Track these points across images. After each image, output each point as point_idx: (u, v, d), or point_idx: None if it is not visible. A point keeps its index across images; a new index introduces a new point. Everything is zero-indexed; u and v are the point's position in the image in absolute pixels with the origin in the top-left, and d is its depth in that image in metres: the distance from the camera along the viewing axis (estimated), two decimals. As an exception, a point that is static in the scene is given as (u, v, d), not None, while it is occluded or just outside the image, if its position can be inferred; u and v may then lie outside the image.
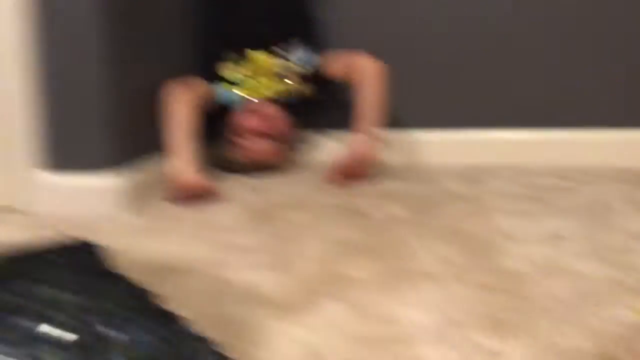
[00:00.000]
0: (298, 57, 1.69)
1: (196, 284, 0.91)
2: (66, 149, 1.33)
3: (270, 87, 1.67)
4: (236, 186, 1.57)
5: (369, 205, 1.32)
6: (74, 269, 0.63)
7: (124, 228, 1.21)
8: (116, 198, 1.31)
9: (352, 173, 1.52)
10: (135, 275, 0.67)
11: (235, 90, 1.66)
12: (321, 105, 1.71)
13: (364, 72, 1.60)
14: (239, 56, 1.67)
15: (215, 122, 1.66)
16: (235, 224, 1.23)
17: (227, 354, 0.57)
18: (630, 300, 0.79)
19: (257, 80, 1.67)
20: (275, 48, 1.67)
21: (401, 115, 1.75)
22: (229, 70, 1.67)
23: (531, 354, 0.67)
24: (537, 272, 0.91)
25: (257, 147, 1.63)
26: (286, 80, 1.68)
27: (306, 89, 1.69)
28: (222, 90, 1.66)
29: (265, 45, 1.67)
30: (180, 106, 1.49)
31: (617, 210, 1.19)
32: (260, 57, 1.67)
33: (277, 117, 1.63)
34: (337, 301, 0.84)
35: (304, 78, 1.69)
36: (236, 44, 1.66)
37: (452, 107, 1.71)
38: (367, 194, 1.43)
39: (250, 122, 1.61)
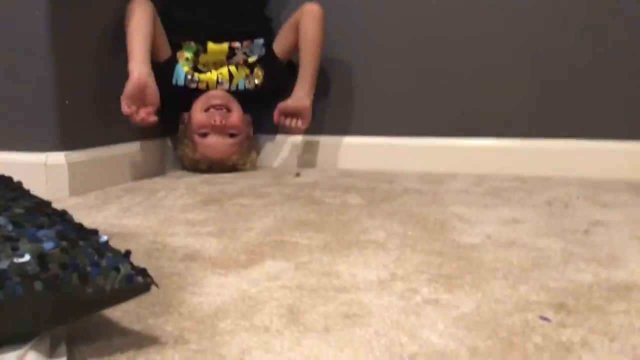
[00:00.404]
0: (253, 49, 1.68)
1: (135, 246, 0.86)
2: (10, 128, 1.28)
3: (225, 77, 1.65)
4: (188, 177, 1.52)
5: (324, 195, 1.29)
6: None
7: (66, 205, 1.15)
8: (61, 178, 1.25)
9: (293, 115, 1.62)
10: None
11: (192, 74, 1.63)
12: (274, 97, 1.68)
13: (302, 13, 1.62)
14: (197, 46, 1.64)
15: (172, 117, 1.63)
16: (184, 207, 1.18)
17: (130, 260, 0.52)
18: (584, 266, 0.76)
19: (212, 70, 1.65)
20: (231, 40, 1.65)
21: (363, 121, 1.73)
22: (184, 55, 1.63)
23: (477, 303, 0.63)
24: (492, 244, 0.87)
25: (210, 143, 1.58)
26: (241, 70, 1.66)
27: (258, 76, 1.68)
28: (180, 70, 1.63)
29: (221, 37, 1.64)
30: (137, 11, 1.46)
31: (576, 204, 1.17)
32: (216, 48, 1.64)
33: (232, 110, 1.60)
34: (280, 260, 0.79)
35: (259, 68, 1.68)
36: (193, 35, 1.63)
37: (415, 115, 1.70)
38: (323, 187, 1.40)
39: (204, 116, 1.57)
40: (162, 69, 1.56)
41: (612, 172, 1.52)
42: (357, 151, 1.73)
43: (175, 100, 1.59)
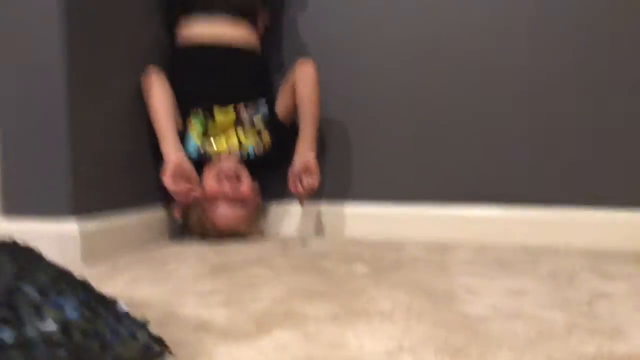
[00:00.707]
0: (257, 108, 1.73)
1: (147, 314, 0.87)
2: (22, 193, 1.32)
3: (233, 143, 1.70)
4: (197, 246, 1.55)
5: (331, 264, 1.31)
6: (11, 254, 0.60)
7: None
8: (73, 246, 1.28)
9: (303, 173, 1.60)
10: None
11: (200, 144, 1.69)
12: (283, 161, 1.72)
13: (296, 74, 1.67)
14: (204, 112, 1.70)
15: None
16: (193, 276, 1.19)
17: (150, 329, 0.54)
18: (587, 338, 0.77)
19: (222, 135, 1.70)
20: (236, 105, 1.71)
21: (365, 186, 1.77)
22: (194, 126, 1.69)
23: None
24: (498, 315, 0.89)
25: (220, 213, 1.62)
26: (250, 136, 1.71)
27: (266, 141, 1.73)
28: (192, 143, 1.68)
29: (226, 101, 1.70)
30: (156, 87, 1.59)
31: (581, 276, 1.18)
32: (223, 112, 1.70)
33: (240, 179, 1.64)
34: (288, 330, 0.81)
35: (266, 131, 1.73)
36: (199, 102, 1.69)
37: (416, 180, 1.74)
38: (330, 256, 1.42)
39: (215, 186, 1.62)
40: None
41: (616, 241, 1.53)
42: (362, 219, 1.76)
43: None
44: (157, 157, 1.59)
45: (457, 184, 1.70)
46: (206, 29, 1.71)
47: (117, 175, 1.49)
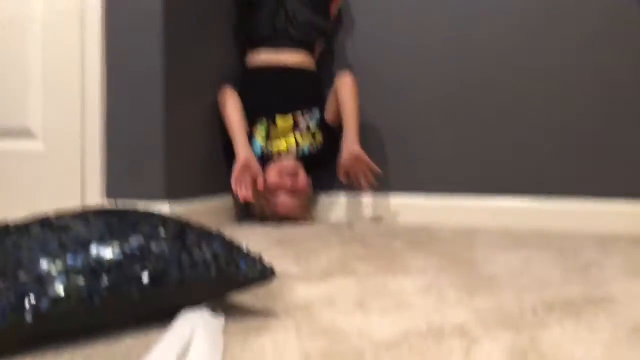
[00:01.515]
0: (312, 116, 2.02)
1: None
2: (123, 180, 1.64)
3: (291, 143, 1.99)
4: (260, 227, 1.84)
5: (374, 240, 1.58)
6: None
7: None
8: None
9: (354, 168, 1.86)
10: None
11: (264, 145, 1.99)
12: (332, 158, 1.99)
13: (338, 86, 1.96)
14: (267, 120, 2.00)
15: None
16: (263, 246, 1.48)
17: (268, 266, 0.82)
18: (577, 288, 1.02)
19: (282, 138, 2.00)
20: (294, 114, 2.01)
21: (403, 179, 2.04)
22: (259, 131, 1.99)
23: (488, 304, 0.90)
24: (507, 272, 1.14)
25: (280, 201, 1.91)
26: (305, 137, 2.01)
27: (318, 141, 2.02)
28: (257, 144, 1.98)
29: (286, 111, 2.01)
30: (230, 102, 1.94)
31: (584, 251, 1.42)
32: (283, 120, 2.00)
33: (298, 174, 1.93)
34: (345, 279, 1.08)
35: (319, 132, 2.02)
36: (264, 112, 2.01)
37: (454, 175, 1.99)
38: (372, 235, 1.68)
39: (277, 179, 1.91)
40: None
41: (623, 226, 1.76)
42: (400, 208, 2.02)
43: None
44: (228, 155, 1.92)
45: (484, 177, 1.95)
46: (271, 57, 2.04)
47: (200, 168, 1.83)
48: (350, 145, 1.89)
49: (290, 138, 2.01)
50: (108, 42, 1.64)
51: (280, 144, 2.00)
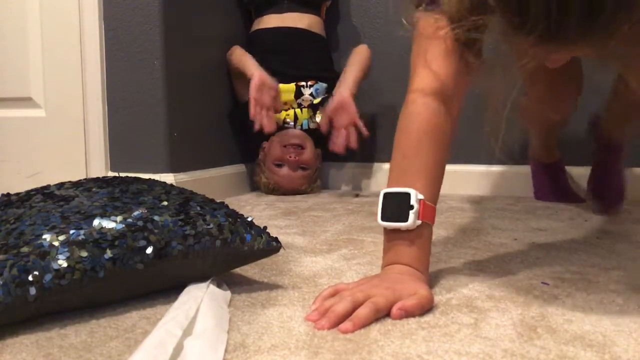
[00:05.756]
0: (318, 90, 1.96)
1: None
2: (127, 153, 1.62)
3: (291, 118, 1.94)
4: (265, 197, 1.83)
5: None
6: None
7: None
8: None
9: (338, 118, 1.78)
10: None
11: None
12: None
13: (352, 55, 1.91)
14: None
15: (253, 148, 1.95)
16: (269, 216, 1.47)
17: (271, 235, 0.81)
18: (588, 258, 1.01)
19: (286, 109, 1.95)
20: (297, 80, 1.95)
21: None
22: None
23: (498, 275, 0.89)
24: (516, 243, 1.13)
25: (283, 175, 1.88)
26: (305, 112, 1.95)
27: (319, 121, 1.94)
28: None
29: (289, 78, 1.94)
30: (238, 49, 1.94)
31: (594, 220, 1.40)
32: (285, 87, 1.94)
33: (304, 146, 1.89)
34: (352, 249, 1.07)
35: (321, 110, 1.94)
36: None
37: (459, 144, 1.96)
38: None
39: (281, 151, 1.88)
40: (245, 107, 1.88)
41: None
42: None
43: (254, 132, 1.90)
44: (236, 124, 1.89)
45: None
46: (276, 20, 2.00)
47: (205, 139, 1.79)
48: (341, 90, 1.81)
49: (291, 110, 1.95)
50: (105, 6, 1.60)
51: (279, 115, 1.94)
